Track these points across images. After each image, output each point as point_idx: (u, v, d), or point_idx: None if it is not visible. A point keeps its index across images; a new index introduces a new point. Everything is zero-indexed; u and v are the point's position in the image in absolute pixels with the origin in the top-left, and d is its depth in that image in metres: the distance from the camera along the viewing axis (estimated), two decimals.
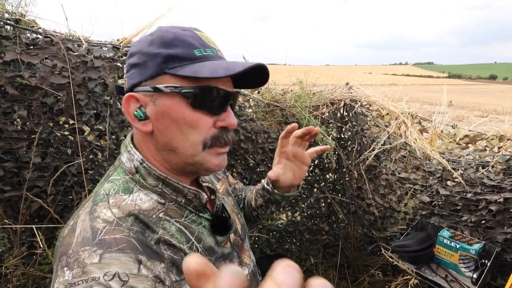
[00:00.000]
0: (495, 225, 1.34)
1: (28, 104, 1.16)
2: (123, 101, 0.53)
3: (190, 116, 0.52)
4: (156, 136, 0.54)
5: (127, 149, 0.57)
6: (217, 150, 0.56)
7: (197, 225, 0.59)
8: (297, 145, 0.75)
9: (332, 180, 2.18)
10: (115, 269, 0.42)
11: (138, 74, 0.53)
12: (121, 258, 0.44)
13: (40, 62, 1.13)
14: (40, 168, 1.25)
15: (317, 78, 1.93)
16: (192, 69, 0.50)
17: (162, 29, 0.54)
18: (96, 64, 1.23)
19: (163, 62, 0.51)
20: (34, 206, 1.25)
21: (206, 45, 0.54)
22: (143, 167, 0.55)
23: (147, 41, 0.53)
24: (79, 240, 0.45)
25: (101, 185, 0.55)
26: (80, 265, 0.42)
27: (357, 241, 2.03)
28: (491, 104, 23.35)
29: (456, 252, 1.30)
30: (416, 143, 1.55)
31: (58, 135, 1.25)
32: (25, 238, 1.29)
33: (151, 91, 0.52)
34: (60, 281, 0.41)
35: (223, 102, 0.55)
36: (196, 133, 0.53)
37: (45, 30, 1.15)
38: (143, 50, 0.53)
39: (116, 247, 0.45)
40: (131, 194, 0.53)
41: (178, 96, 0.51)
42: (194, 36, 0.54)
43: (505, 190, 1.28)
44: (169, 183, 0.56)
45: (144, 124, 0.53)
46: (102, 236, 0.45)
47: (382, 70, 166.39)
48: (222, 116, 0.55)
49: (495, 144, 1.39)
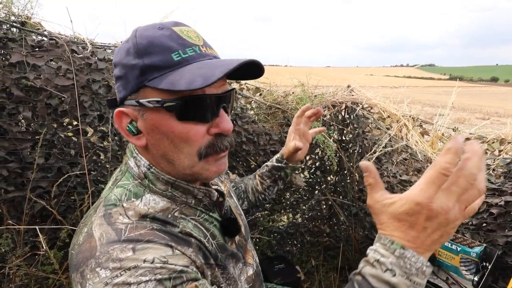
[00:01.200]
0: (496, 228, 1.34)
1: (33, 105, 1.17)
2: (114, 117, 0.51)
3: (179, 129, 0.49)
4: (151, 149, 0.53)
5: (133, 154, 0.56)
6: (215, 156, 0.54)
7: (210, 224, 0.60)
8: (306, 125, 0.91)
9: (333, 182, 2.18)
10: (151, 255, 0.43)
11: (123, 88, 0.51)
12: (154, 246, 0.44)
13: (45, 64, 1.14)
14: (43, 169, 1.26)
15: (318, 80, 1.94)
16: (170, 79, 0.46)
17: (137, 34, 0.50)
18: (100, 66, 1.24)
19: (141, 74, 0.48)
20: (37, 206, 1.26)
21: (187, 44, 0.49)
22: (151, 172, 0.54)
23: (124, 50, 0.50)
24: (104, 242, 0.44)
25: (111, 190, 0.54)
26: (115, 260, 0.42)
27: (358, 244, 2.03)
28: (492, 107, 23.32)
29: (457, 255, 1.30)
30: (417, 145, 1.55)
31: (62, 136, 1.27)
32: (28, 239, 1.30)
33: (137, 105, 0.49)
34: (96, 281, 0.41)
35: (214, 108, 0.51)
36: (189, 145, 0.50)
37: (50, 32, 1.16)
38: (122, 61, 0.50)
39: (145, 240, 0.45)
40: (143, 197, 0.53)
41: (162, 110, 0.48)
42: (172, 36, 0.49)
43: (506, 193, 1.28)
44: (178, 185, 0.55)
45: (138, 138, 0.52)
46: (128, 234, 0.45)
47: (384, 72, 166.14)
48: (215, 122, 0.52)
49: (496, 147, 1.39)
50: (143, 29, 0.50)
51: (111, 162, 1.38)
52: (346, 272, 2.07)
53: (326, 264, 2.14)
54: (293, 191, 2.06)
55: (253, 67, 0.52)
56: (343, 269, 2.07)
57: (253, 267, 0.71)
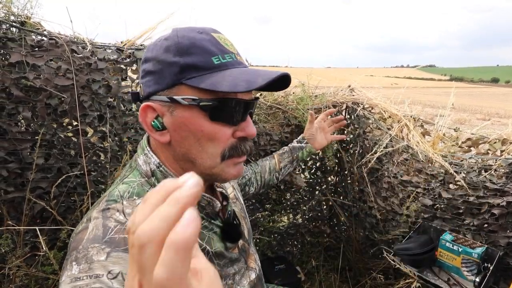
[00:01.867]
0: (497, 229, 1.33)
1: (32, 105, 1.17)
2: (140, 110, 0.52)
3: (209, 128, 0.51)
4: (173, 146, 0.53)
5: (144, 151, 0.57)
6: (235, 160, 0.55)
7: (208, 231, 0.59)
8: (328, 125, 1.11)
9: (333, 182, 2.18)
10: (119, 268, 0.43)
11: (154, 83, 0.51)
12: (127, 258, 0.44)
13: (44, 64, 1.14)
14: (43, 169, 1.26)
15: (319, 81, 1.94)
16: (211, 81, 0.48)
17: (179, 33, 0.51)
18: (100, 66, 1.24)
19: (180, 72, 0.49)
20: (37, 207, 1.25)
21: (225, 50, 0.51)
22: (160, 171, 0.54)
23: (162, 46, 0.51)
24: (90, 237, 0.46)
25: (116, 185, 0.55)
26: (88, 261, 0.43)
27: (359, 244, 2.03)
28: (493, 107, 23.28)
29: (459, 256, 1.30)
30: (418, 146, 1.55)
31: (61, 137, 1.26)
32: (28, 239, 1.30)
33: (168, 101, 0.50)
34: (68, 274, 0.43)
35: (242, 112, 0.53)
36: (215, 145, 0.52)
37: (50, 32, 1.16)
38: (158, 57, 0.51)
39: (124, 247, 0.45)
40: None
41: (196, 108, 0.50)
42: (212, 41, 0.51)
43: (508, 193, 1.27)
44: None
45: (162, 134, 0.52)
46: (113, 234, 0.46)
47: (384, 72, 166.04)
48: (241, 126, 0.54)
49: (498, 148, 1.39)
50: (184, 30, 0.52)
51: (111, 163, 1.37)
52: (346, 272, 2.06)
53: (327, 265, 2.13)
54: (293, 192, 2.05)
55: (282, 80, 0.54)
56: (343, 270, 2.06)
57: (256, 271, 0.71)
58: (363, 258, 2.01)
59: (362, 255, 2.03)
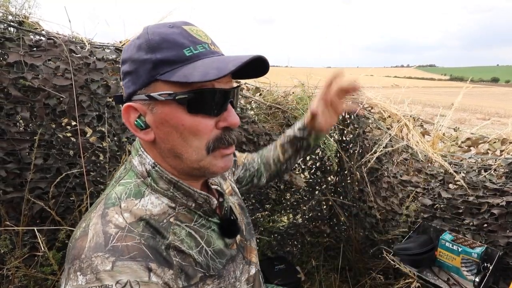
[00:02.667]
0: (497, 229, 1.33)
1: (31, 105, 1.16)
2: (122, 111, 0.52)
3: (189, 121, 0.50)
4: (159, 144, 0.53)
5: (138, 152, 0.57)
6: (222, 152, 0.54)
7: (206, 229, 0.59)
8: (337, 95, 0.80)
9: (333, 182, 2.18)
10: (126, 277, 0.43)
11: (132, 83, 0.51)
12: (133, 266, 0.44)
13: (43, 64, 1.14)
14: (42, 170, 1.26)
15: (319, 80, 1.94)
16: (183, 72, 0.48)
17: (149, 31, 0.51)
18: (99, 66, 1.24)
19: (153, 68, 0.49)
20: (36, 207, 1.25)
21: (197, 41, 0.51)
22: (155, 170, 0.54)
23: (135, 46, 0.51)
24: (92, 245, 0.45)
25: (113, 188, 0.55)
26: (93, 271, 0.42)
27: (359, 244, 2.02)
28: (493, 107, 23.28)
29: (458, 256, 1.30)
30: (418, 146, 1.54)
31: (60, 137, 1.26)
32: (27, 240, 1.29)
33: (147, 99, 0.50)
34: (74, 285, 0.42)
35: (222, 102, 0.52)
36: (198, 138, 0.51)
37: (48, 32, 1.15)
38: (132, 57, 0.51)
39: (128, 255, 0.45)
40: (143, 198, 0.53)
41: (174, 103, 0.49)
42: (182, 33, 0.50)
43: (508, 193, 1.27)
44: (180, 187, 0.55)
45: (146, 133, 0.52)
46: (115, 242, 0.46)
47: (384, 72, 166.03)
48: (223, 116, 0.53)
49: (497, 148, 1.38)
50: (154, 26, 0.52)
51: (110, 163, 1.37)
52: (346, 272, 2.06)
53: (327, 265, 2.13)
54: (293, 192, 2.05)
55: (259, 65, 0.53)
56: (343, 270, 2.06)
57: (257, 266, 0.71)
58: (363, 258, 2.01)
59: (362, 255, 2.02)
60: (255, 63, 0.51)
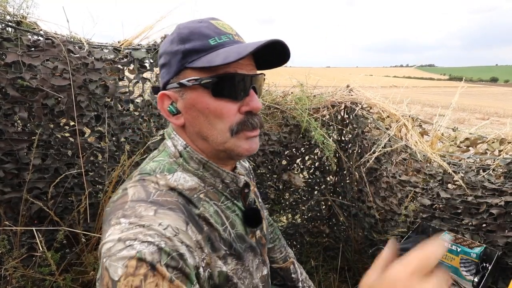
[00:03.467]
0: (496, 229, 1.33)
1: (29, 105, 1.16)
2: (157, 99, 0.58)
3: (214, 105, 0.54)
4: (188, 127, 0.58)
5: (171, 136, 0.62)
6: (246, 134, 0.57)
7: (231, 212, 0.62)
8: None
9: (332, 182, 2.18)
10: (168, 221, 0.47)
11: (166, 73, 0.57)
12: (173, 215, 0.49)
13: (41, 64, 1.14)
14: (40, 170, 1.25)
15: (318, 80, 1.93)
16: (207, 59, 0.52)
17: (180, 26, 0.57)
18: (97, 66, 1.23)
19: (183, 57, 0.54)
20: (34, 207, 1.25)
21: (222, 32, 0.56)
22: (186, 151, 0.59)
23: (168, 40, 0.57)
24: (134, 198, 0.50)
25: (147, 163, 0.60)
26: (137, 215, 0.46)
27: (358, 244, 2.02)
28: (492, 107, 23.31)
29: (457, 256, 1.30)
30: (417, 146, 1.54)
31: (58, 137, 1.26)
32: (25, 240, 1.29)
33: (178, 87, 0.56)
34: (117, 228, 0.45)
35: (244, 87, 0.56)
36: (222, 121, 0.55)
37: (46, 32, 1.15)
38: (166, 50, 0.57)
39: (168, 206, 0.50)
40: (175, 173, 0.57)
41: (200, 88, 0.54)
42: (209, 27, 0.56)
43: (506, 193, 1.27)
44: (209, 167, 0.59)
45: (177, 118, 0.58)
46: (155, 197, 0.50)
47: (384, 72, 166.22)
48: (246, 101, 0.57)
49: (496, 147, 1.38)
50: (185, 23, 0.58)
51: (109, 163, 1.37)
52: (345, 272, 2.06)
53: (326, 265, 2.13)
54: (292, 192, 2.05)
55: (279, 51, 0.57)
56: (342, 270, 2.06)
57: (268, 268, 0.72)
58: (362, 258, 2.01)
59: (361, 255, 2.02)
60: (275, 49, 0.55)
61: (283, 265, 0.96)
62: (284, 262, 0.97)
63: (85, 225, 1.37)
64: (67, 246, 1.39)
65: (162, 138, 1.51)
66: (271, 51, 0.55)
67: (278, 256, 0.96)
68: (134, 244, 0.42)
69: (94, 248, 1.38)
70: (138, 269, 0.40)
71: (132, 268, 0.40)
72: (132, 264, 0.41)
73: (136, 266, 0.41)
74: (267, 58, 0.58)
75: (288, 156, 1.92)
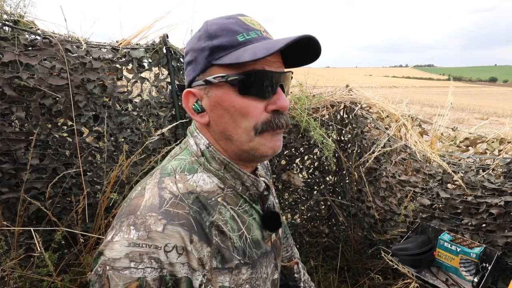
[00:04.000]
0: (496, 229, 1.33)
1: (26, 105, 1.15)
2: (182, 97, 0.57)
3: (240, 103, 0.53)
4: (212, 126, 0.57)
5: (194, 134, 0.60)
6: (271, 132, 0.56)
7: (249, 216, 0.60)
8: None
9: (332, 182, 2.17)
10: (174, 241, 0.47)
11: (192, 70, 0.56)
12: (181, 233, 0.48)
13: (38, 63, 1.13)
14: (38, 170, 1.25)
15: (317, 80, 1.93)
16: (235, 55, 0.51)
17: (208, 22, 0.56)
18: (95, 66, 1.23)
19: (210, 54, 0.53)
20: (32, 208, 1.24)
21: (250, 28, 0.54)
22: (209, 151, 0.58)
23: (196, 37, 0.56)
24: (147, 205, 0.49)
25: (168, 161, 0.59)
26: (146, 229, 0.46)
27: (357, 244, 2.02)
28: (491, 107, 23.34)
29: (457, 256, 1.29)
30: (416, 145, 1.54)
31: (56, 137, 1.25)
32: (23, 241, 1.28)
33: (204, 84, 0.54)
34: (125, 237, 0.46)
35: (272, 85, 0.54)
36: (247, 119, 0.54)
37: (44, 31, 1.14)
38: (193, 47, 0.55)
39: (178, 221, 0.49)
40: (195, 174, 0.56)
41: (226, 85, 0.53)
42: (237, 23, 0.54)
43: (506, 193, 1.27)
44: (231, 168, 0.58)
45: (202, 116, 0.57)
46: (168, 207, 0.49)
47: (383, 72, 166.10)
48: (273, 99, 0.55)
49: (496, 147, 1.38)
50: (213, 19, 0.57)
51: (107, 163, 1.36)
52: (345, 272, 2.06)
53: (325, 265, 2.12)
54: (291, 192, 2.04)
55: (310, 47, 0.55)
56: (342, 270, 2.05)
57: (279, 273, 0.71)
58: (362, 258, 2.01)
59: (360, 255, 2.02)
60: (306, 45, 0.53)
61: (287, 264, 0.95)
62: (288, 261, 0.95)
63: (83, 226, 1.36)
64: (65, 247, 1.38)
65: (161, 138, 1.50)
66: (301, 47, 0.54)
67: (284, 254, 0.95)
68: (139, 267, 0.44)
69: (92, 249, 1.37)
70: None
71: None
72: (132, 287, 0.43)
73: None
74: (296, 55, 0.57)
75: (287, 156, 1.92)
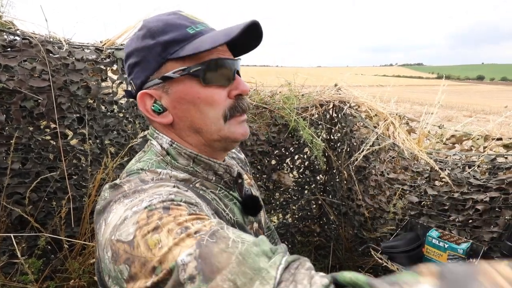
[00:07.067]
0: (481, 224, 1.35)
1: (6, 108, 1.12)
2: (137, 101, 0.55)
3: (205, 93, 0.53)
4: (177, 124, 0.56)
5: (154, 136, 0.59)
6: (238, 119, 0.57)
7: (229, 200, 0.60)
8: None
9: (322, 181, 2.18)
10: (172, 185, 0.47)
11: (142, 72, 0.54)
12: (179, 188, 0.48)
13: (18, 64, 1.10)
14: (20, 174, 1.21)
15: (305, 79, 1.93)
16: (193, 46, 0.51)
17: (149, 20, 0.55)
18: (78, 67, 1.20)
19: (163, 50, 0.52)
20: (14, 213, 1.21)
21: (195, 22, 0.55)
22: (173, 148, 0.57)
23: (138, 37, 0.54)
24: (133, 185, 0.47)
25: (133, 165, 0.57)
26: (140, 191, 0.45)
27: (348, 242, 2.03)
28: (478, 104, 23.83)
29: (445, 252, 1.31)
30: (404, 143, 1.55)
31: (39, 140, 1.22)
32: (6, 247, 1.25)
33: (161, 82, 0.53)
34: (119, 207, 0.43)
35: (231, 71, 0.55)
36: (214, 108, 0.54)
37: (23, 31, 1.11)
38: (138, 47, 0.53)
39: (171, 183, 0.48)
40: (165, 171, 0.55)
41: (188, 78, 0.52)
42: (180, 18, 0.54)
43: (491, 189, 1.29)
44: (200, 160, 0.57)
45: (164, 116, 0.55)
46: (153, 183, 0.48)
47: (373, 71, 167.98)
48: (234, 85, 0.56)
49: (481, 144, 1.40)
50: (152, 17, 0.56)
51: (92, 166, 1.33)
52: (337, 270, 2.05)
53: (317, 264, 2.13)
54: (282, 191, 2.04)
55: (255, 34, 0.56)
56: (334, 268, 2.06)
57: None
58: (353, 256, 2.02)
59: (352, 253, 2.03)
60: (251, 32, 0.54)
61: None
62: None
63: (69, 230, 1.33)
64: (51, 252, 1.35)
65: (145, 140, 1.48)
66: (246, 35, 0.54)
67: None
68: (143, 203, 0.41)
69: (78, 254, 1.34)
70: (151, 217, 0.38)
71: (144, 220, 0.38)
72: (143, 217, 0.39)
73: (147, 216, 0.39)
74: (238, 44, 0.57)
75: (278, 156, 1.91)
